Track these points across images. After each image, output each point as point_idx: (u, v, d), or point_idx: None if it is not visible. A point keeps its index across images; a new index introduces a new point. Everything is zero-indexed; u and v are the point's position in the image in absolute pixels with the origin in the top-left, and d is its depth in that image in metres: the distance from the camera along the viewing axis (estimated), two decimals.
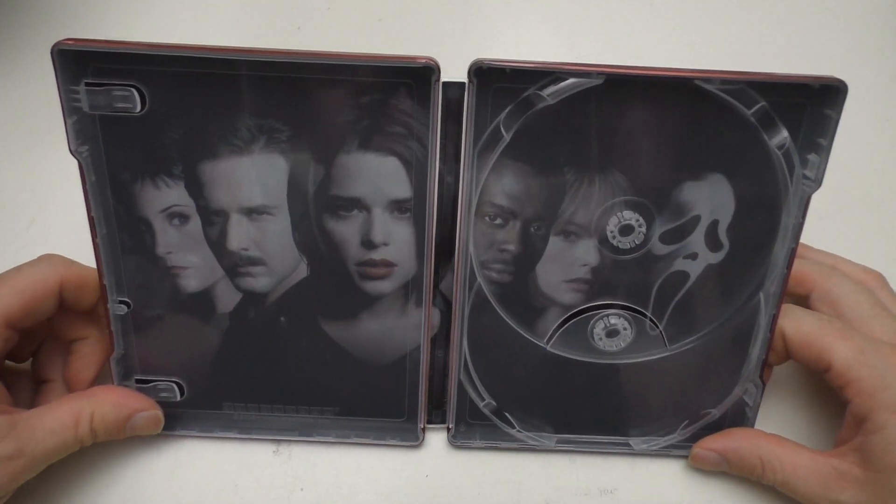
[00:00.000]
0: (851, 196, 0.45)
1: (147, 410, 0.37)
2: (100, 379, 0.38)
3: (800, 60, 0.33)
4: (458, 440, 0.39)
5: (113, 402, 0.36)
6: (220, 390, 0.39)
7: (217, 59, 0.31)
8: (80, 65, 0.31)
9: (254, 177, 0.34)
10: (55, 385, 0.37)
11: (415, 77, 0.32)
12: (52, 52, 0.31)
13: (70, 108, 0.32)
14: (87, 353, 0.37)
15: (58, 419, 0.34)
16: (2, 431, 0.32)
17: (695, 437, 0.38)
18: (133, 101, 0.32)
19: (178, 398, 0.38)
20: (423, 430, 0.39)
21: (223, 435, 0.39)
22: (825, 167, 0.32)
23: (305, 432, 0.39)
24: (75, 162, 0.33)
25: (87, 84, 0.32)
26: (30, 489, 0.36)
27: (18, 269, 0.35)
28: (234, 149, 0.33)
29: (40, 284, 0.34)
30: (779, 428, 0.38)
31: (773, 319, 0.35)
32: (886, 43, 0.47)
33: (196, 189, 0.34)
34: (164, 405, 0.38)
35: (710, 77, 0.31)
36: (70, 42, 0.31)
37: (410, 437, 0.39)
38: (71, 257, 0.36)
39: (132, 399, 0.37)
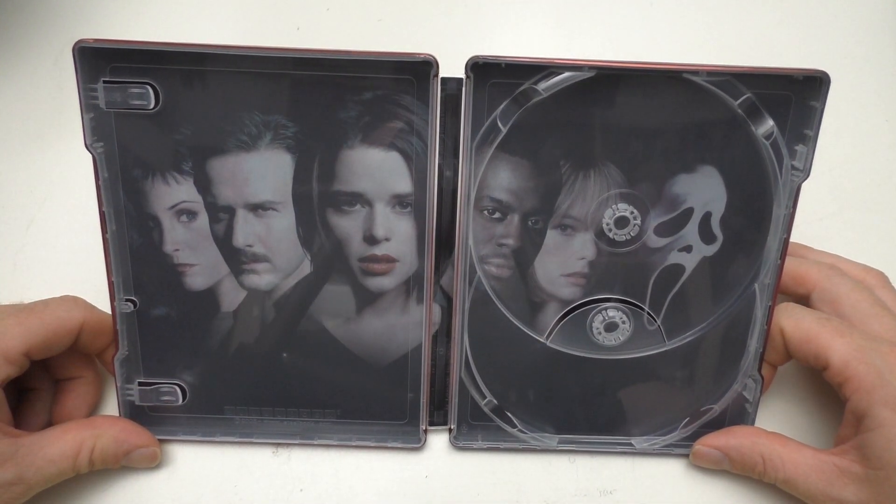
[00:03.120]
0: (852, 196, 0.45)
1: (146, 447, 0.37)
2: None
3: (803, 61, 0.34)
4: (461, 441, 0.39)
5: (114, 437, 0.36)
6: (221, 393, 0.39)
7: (228, 56, 0.33)
8: (99, 63, 0.33)
9: (260, 172, 0.35)
10: (41, 395, 0.38)
11: (414, 72, 0.33)
12: (73, 51, 0.32)
13: (88, 104, 0.33)
14: (82, 392, 0.38)
15: (60, 450, 0.34)
16: (4, 456, 0.32)
17: (695, 436, 0.38)
18: (147, 99, 0.34)
19: (180, 402, 0.39)
20: (425, 431, 0.39)
21: (224, 440, 0.39)
22: (812, 157, 0.33)
23: (307, 436, 0.39)
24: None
25: (105, 82, 0.33)
26: None
27: (45, 303, 0.36)
28: (241, 145, 0.34)
29: (65, 322, 0.35)
30: (779, 427, 0.38)
31: (769, 311, 0.36)
32: (889, 44, 0.48)
33: (204, 185, 0.35)
34: (166, 410, 0.39)
35: (696, 70, 0.32)
36: (91, 41, 0.32)
37: (412, 440, 0.39)
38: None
39: (133, 435, 0.37)
